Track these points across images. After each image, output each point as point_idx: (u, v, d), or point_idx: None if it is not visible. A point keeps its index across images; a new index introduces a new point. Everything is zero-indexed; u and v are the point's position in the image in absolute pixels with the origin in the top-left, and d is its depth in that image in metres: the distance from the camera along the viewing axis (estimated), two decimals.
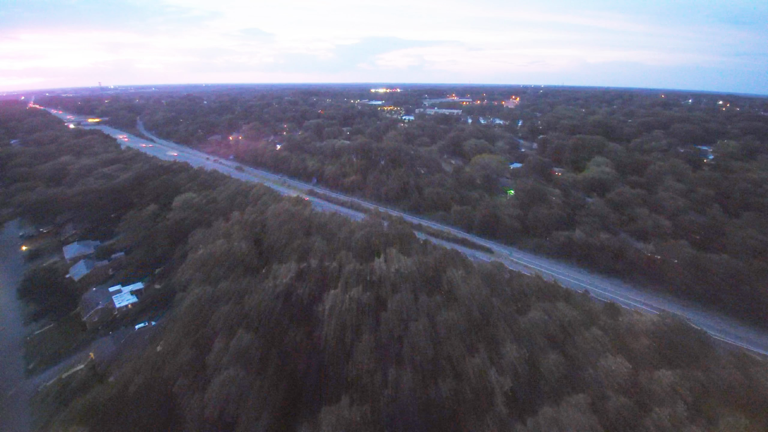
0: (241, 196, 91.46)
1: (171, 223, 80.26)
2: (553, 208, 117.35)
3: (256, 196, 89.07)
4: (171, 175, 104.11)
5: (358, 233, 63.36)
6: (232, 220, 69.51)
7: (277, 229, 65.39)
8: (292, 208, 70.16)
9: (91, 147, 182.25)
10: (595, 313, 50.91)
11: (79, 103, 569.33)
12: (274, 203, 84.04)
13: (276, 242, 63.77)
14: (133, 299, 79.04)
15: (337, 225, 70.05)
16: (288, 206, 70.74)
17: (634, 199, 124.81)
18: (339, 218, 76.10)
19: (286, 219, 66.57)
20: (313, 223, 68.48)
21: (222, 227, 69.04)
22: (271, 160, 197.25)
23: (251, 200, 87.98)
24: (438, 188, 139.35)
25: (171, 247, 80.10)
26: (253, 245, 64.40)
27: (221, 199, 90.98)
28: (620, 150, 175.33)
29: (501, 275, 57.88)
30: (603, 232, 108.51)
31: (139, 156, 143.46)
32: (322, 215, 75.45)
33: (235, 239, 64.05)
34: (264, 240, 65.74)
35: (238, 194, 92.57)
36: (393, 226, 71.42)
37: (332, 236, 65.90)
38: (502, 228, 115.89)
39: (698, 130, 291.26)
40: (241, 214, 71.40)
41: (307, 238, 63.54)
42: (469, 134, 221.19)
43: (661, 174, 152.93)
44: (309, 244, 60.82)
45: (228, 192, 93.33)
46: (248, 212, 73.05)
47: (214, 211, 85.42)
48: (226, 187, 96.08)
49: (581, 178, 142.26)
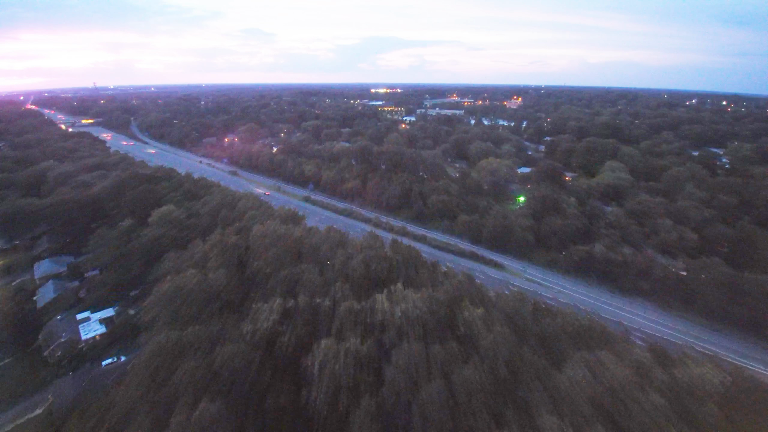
0: (227, 209, 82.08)
1: (145, 241, 71.28)
2: (568, 219, 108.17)
3: (242, 209, 79.82)
4: (152, 185, 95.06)
5: (357, 258, 54.43)
6: (211, 241, 60.66)
7: (261, 254, 56.37)
8: (280, 229, 61.07)
9: (77, 151, 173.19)
10: (645, 364, 41.74)
11: (75, 104, 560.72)
12: (264, 216, 74.83)
13: (260, 270, 54.63)
14: (101, 329, 69.95)
15: (333, 246, 61.02)
16: (275, 227, 61.57)
17: (656, 209, 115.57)
18: (335, 236, 66.99)
19: (272, 242, 57.54)
20: (304, 245, 59.49)
21: (198, 250, 60.08)
22: (267, 164, 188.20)
23: (237, 214, 78.75)
24: (443, 196, 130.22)
25: (146, 268, 71.12)
26: (233, 274, 55.26)
27: (204, 212, 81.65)
28: (634, 154, 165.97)
29: (525, 309, 48.72)
30: (625, 246, 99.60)
31: (125, 161, 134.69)
32: (316, 234, 66.34)
33: (212, 267, 54.96)
34: (246, 267, 56.72)
35: (224, 206, 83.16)
36: (397, 246, 62.48)
37: (327, 262, 56.82)
38: (513, 240, 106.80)
39: (708, 132, 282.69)
40: (219, 236, 62.15)
41: (297, 265, 54.47)
42: (473, 136, 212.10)
43: (679, 180, 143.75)
44: (298, 273, 51.76)
45: (213, 204, 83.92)
46: (228, 233, 63.86)
47: (195, 227, 76.16)
48: (212, 198, 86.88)
49: (596, 184, 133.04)
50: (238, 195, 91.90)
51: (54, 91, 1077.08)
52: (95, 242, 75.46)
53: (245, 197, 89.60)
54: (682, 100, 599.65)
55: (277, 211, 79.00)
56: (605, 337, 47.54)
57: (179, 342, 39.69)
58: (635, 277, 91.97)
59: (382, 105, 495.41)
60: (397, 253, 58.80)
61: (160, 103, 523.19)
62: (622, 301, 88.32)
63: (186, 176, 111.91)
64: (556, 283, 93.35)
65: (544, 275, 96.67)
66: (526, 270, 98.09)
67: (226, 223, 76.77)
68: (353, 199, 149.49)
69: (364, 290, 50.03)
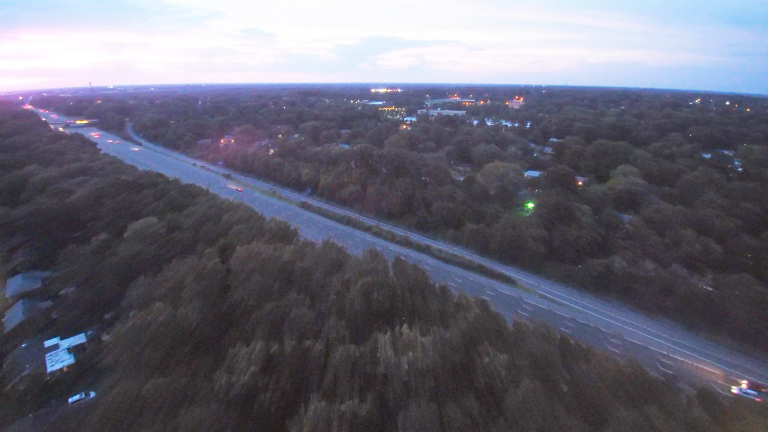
0: (212, 222, 74.35)
1: (119, 259, 63.80)
2: (583, 229, 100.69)
3: (228, 222, 72.08)
4: (133, 193, 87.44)
5: (355, 286, 47.03)
6: (188, 264, 53.16)
7: (244, 282, 49.01)
8: (267, 251, 53.43)
9: (64, 154, 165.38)
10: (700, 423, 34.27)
11: (71, 104, 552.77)
12: (251, 231, 67.18)
13: (241, 302, 47.17)
14: (69, 360, 62.47)
15: (328, 269, 53.64)
16: (260, 248, 53.94)
17: (676, 218, 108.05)
18: (331, 255, 59.58)
19: (257, 266, 50.12)
20: (294, 270, 52.03)
21: (172, 275, 52.64)
22: (262, 167, 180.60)
23: (223, 229, 71.07)
24: (448, 202, 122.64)
25: (121, 289, 63.67)
26: (211, 306, 47.73)
27: (187, 226, 73.83)
28: (647, 157, 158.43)
29: (554, 351, 41.20)
30: (646, 259, 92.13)
31: (111, 165, 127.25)
32: (309, 253, 58.82)
33: (187, 297, 47.54)
34: (227, 296, 49.23)
35: (209, 219, 75.40)
36: (400, 267, 55.08)
37: (320, 290, 49.34)
38: (524, 252, 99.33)
39: (717, 133, 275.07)
40: (196, 260, 54.39)
41: (285, 295, 47.02)
42: (477, 138, 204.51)
43: (696, 185, 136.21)
44: (286, 307, 44.32)
45: (197, 215, 76.23)
46: (208, 255, 56.21)
47: (175, 243, 68.52)
48: (197, 209, 79.19)
49: (610, 190, 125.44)
50: (225, 205, 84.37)
51: (53, 91, 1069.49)
52: (65, 259, 68.03)
53: (233, 208, 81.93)
54: (685, 100, 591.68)
55: (268, 224, 71.42)
56: (648, 386, 39.97)
57: (137, 399, 32.44)
58: (659, 295, 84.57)
59: (382, 105, 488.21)
60: (401, 276, 51.45)
61: (157, 103, 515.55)
62: (645, 321, 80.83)
63: (173, 182, 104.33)
64: (572, 300, 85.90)
65: (558, 291, 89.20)
66: (539, 285, 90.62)
67: (209, 238, 69.28)
68: (352, 204, 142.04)
69: (363, 327, 42.73)
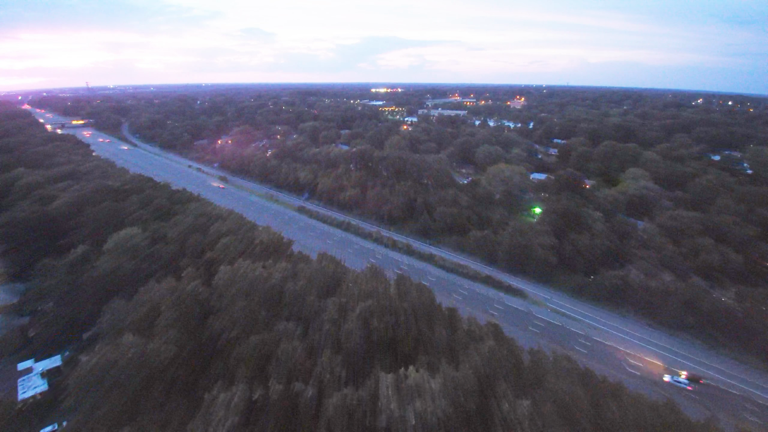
0: (199, 232, 68.86)
1: (97, 275, 58.53)
2: (595, 237, 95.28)
3: (216, 234, 66.56)
4: (117, 200, 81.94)
5: (354, 312, 41.69)
6: (166, 286, 47.77)
7: (227, 308, 43.66)
8: (254, 270, 47.98)
9: (54, 156, 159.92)
10: None
11: (68, 104, 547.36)
12: (240, 244, 61.81)
13: (223, 332, 41.70)
14: (42, 386, 57.07)
15: (323, 289, 48.32)
16: (246, 268, 48.43)
17: (693, 225, 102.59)
18: (326, 271, 54.17)
19: (242, 289, 44.77)
20: (285, 292, 46.59)
21: (148, 299, 47.20)
22: (259, 169, 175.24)
23: (210, 241, 65.60)
24: (451, 208, 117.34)
25: (99, 307, 58.33)
26: (189, 337, 42.33)
27: (172, 237, 68.40)
28: (657, 160, 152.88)
29: (578, 388, 35.79)
30: (664, 270, 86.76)
31: (100, 168, 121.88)
32: (303, 270, 53.27)
33: (162, 326, 42.18)
34: (208, 324, 43.76)
35: (196, 230, 69.89)
36: (404, 286, 49.68)
37: (314, 317, 44.03)
38: (533, 261, 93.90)
39: (724, 134, 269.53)
40: (174, 282, 48.86)
41: (274, 324, 41.66)
42: (480, 139, 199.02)
43: (710, 189, 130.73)
44: (273, 340, 38.91)
45: (184, 225, 70.71)
46: (188, 276, 50.70)
47: (158, 257, 63.11)
48: (184, 218, 73.61)
49: (621, 195, 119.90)
50: (215, 213, 78.94)
51: (52, 91, 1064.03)
52: (40, 273, 62.79)
53: (223, 217, 76.50)
54: (687, 100, 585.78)
55: (259, 235, 65.94)
56: None
57: None
58: (679, 309, 79.15)
59: (382, 105, 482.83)
60: (404, 297, 46.13)
61: (155, 103, 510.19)
62: (664, 337, 75.41)
63: (163, 187, 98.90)
64: (586, 314, 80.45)
65: (570, 304, 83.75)
66: (550, 298, 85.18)
67: (195, 252, 63.88)
68: (352, 208, 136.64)
69: (362, 362, 37.45)
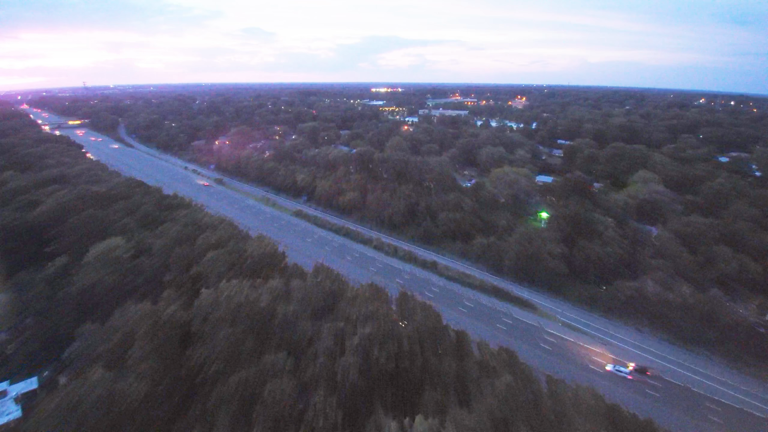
0: (187, 243, 64.01)
1: (75, 291, 53.88)
2: (607, 245, 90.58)
3: (204, 246, 61.70)
4: (102, 208, 77.16)
5: (352, 340, 37.09)
6: (141, 312, 43.07)
7: (210, 336, 38.99)
8: (241, 293, 43.24)
9: (45, 158, 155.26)
10: None
11: (66, 104, 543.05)
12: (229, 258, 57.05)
13: (204, 366, 36.96)
14: (16, 412, 52.45)
15: (318, 310, 43.67)
16: (231, 291, 43.72)
17: (708, 232, 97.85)
18: (323, 288, 49.54)
19: (226, 316, 40.01)
20: (276, 316, 41.91)
21: (122, 325, 42.50)
22: (256, 171, 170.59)
23: (197, 253, 60.75)
24: (455, 213, 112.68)
25: (77, 325, 53.77)
26: (166, 371, 37.67)
27: (157, 249, 63.66)
28: (666, 162, 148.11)
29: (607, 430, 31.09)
30: (681, 281, 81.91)
31: (90, 172, 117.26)
32: (297, 288, 48.45)
33: (136, 357, 37.49)
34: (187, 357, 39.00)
35: (183, 240, 64.97)
36: (406, 305, 45.18)
37: (306, 346, 39.31)
38: (541, 270, 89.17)
39: (730, 135, 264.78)
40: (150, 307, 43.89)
41: (261, 356, 36.95)
42: (483, 141, 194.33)
43: (722, 193, 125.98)
44: (261, 378, 34.21)
45: (170, 236, 65.83)
46: (165, 300, 45.90)
47: (141, 271, 58.37)
48: (171, 227, 68.75)
49: (632, 200, 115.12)
50: (204, 222, 74.18)
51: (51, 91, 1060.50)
52: (18, 287, 58.22)
53: (212, 226, 71.64)
54: (689, 100, 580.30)
55: (251, 246, 61.10)
56: None
57: None
58: (699, 324, 74.49)
59: (383, 105, 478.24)
60: (408, 319, 41.62)
61: (153, 103, 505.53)
62: (681, 354, 70.85)
63: (153, 192, 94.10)
64: (599, 329, 75.79)
65: (582, 317, 79.09)
66: (561, 311, 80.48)
67: (180, 266, 59.11)
68: (351, 213, 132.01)
69: (360, 401, 32.82)
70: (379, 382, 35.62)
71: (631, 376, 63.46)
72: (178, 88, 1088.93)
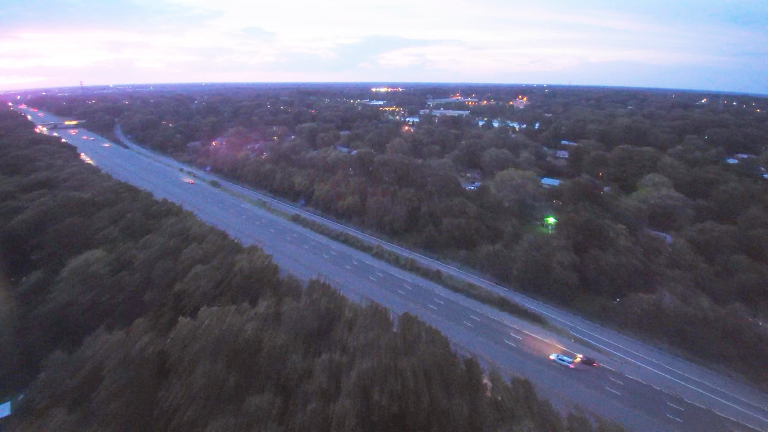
0: (172, 257, 59.07)
1: (48, 310, 49.16)
2: (620, 254, 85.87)
3: (189, 261, 56.71)
4: (85, 216, 72.33)
5: (350, 377, 32.43)
6: (109, 343, 38.13)
7: (186, 374, 34.16)
8: (222, 321, 38.19)
9: (34, 161, 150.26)
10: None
11: (64, 104, 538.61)
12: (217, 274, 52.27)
13: (178, 410, 32.21)
14: None
15: (311, 337, 38.90)
16: (212, 320, 38.60)
17: (724, 239, 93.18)
18: (317, 311, 44.79)
19: (206, 348, 35.17)
20: (263, 347, 37.05)
21: (90, 357, 37.76)
22: (253, 174, 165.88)
23: (181, 268, 55.72)
24: (459, 218, 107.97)
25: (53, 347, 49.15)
26: (133, 415, 33.13)
27: (140, 262, 58.74)
28: (676, 165, 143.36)
29: None
30: (699, 293, 77.18)
31: (77, 176, 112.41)
32: (289, 311, 43.61)
33: (100, 401, 32.72)
34: (160, 397, 34.35)
35: (169, 253, 59.99)
36: (411, 330, 40.46)
37: (297, 384, 34.66)
38: (551, 281, 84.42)
39: (737, 136, 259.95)
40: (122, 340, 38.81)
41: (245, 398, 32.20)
42: (487, 142, 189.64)
43: (736, 198, 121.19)
44: (245, 426, 29.39)
45: (154, 248, 60.89)
46: (137, 328, 40.82)
47: (121, 288, 53.64)
48: (155, 238, 63.76)
49: (645, 205, 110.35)
50: (192, 232, 69.16)
51: (51, 91, 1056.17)
52: None
53: (200, 237, 66.66)
54: (691, 100, 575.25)
55: (241, 260, 56.14)
56: None
57: None
58: (719, 339, 69.81)
59: (383, 105, 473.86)
60: (412, 348, 36.91)
61: (151, 103, 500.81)
62: (700, 372, 66.28)
63: (142, 197, 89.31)
64: (614, 345, 71.09)
65: (595, 333, 74.39)
66: (572, 325, 75.75)
67: (163, 282, 54.30)
68: (350, 217, 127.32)
69: None
70: (379, 427, 30.90)
71: (572, 365, 64.28)
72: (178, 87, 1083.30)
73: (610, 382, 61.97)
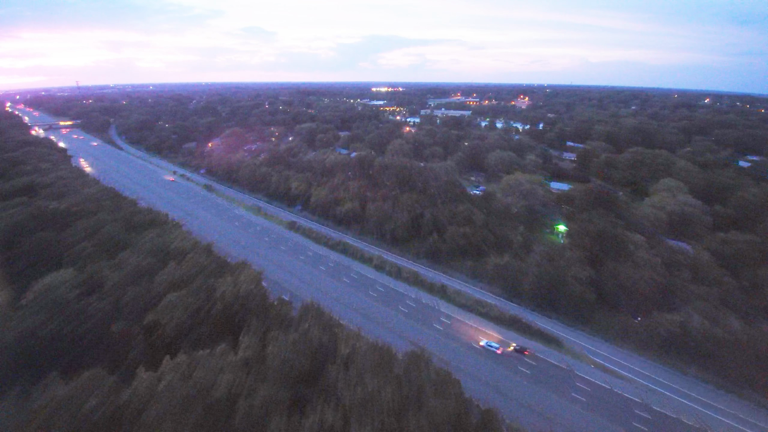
0: (145, 279, 52.60)
1: (10, 340, 42.96)
2: (640, 267, 79.63)
3: (166, 282, 50.18)
4: (57, 229, 66.22)
5: None
6: (62, 394, 31.81)
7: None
8: (188, 378, 31.53)
9: (21, 164, 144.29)
10: None
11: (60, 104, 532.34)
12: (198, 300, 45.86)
13: None
14: None
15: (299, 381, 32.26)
16: (176, 375, 31.92)
17: (749, 251, 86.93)
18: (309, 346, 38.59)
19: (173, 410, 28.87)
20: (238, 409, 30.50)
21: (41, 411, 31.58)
22: (249, 177, 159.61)
23: (156, 292, 49.16)
24: (464, 226, 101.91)
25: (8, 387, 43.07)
26: None
27: (111, 284, 52.33)
28: (691, 169, 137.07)
29: None
30: (727, 311, 70.99)
31: (62, 181, 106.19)
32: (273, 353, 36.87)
33: None
34: None
35: (144, 274, 53.65)
36: (420, 376, 34.25)
37: None
38: (566, 297, 78.27)
39: (746, 137, 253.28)
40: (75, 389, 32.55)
41: None
42: (491, 144, 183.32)
43: (756, 204, 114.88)
44: None
45: (128, 268, 54.41)
46: (90, 380, 34.34)
47: (90, 315, 47.55)
48: (130, 257, 57.34)
49: (663, 213, 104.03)
50: (173, 248, 62.86)
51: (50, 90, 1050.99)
52: None
53: (182, 252, 60.29)
54: (694, 100, 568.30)
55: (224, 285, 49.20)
56: None
57: None
58: (752, 365, 63.64)
59: (383, 105, 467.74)
60: (421, 400, 30.90)
61: (149, 103, 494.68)
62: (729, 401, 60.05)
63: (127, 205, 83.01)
64: (636, 371, 64.91)
65: (616, 356, 68.16)
66: (591, 348, 69.50)
67: (133, 311, 47.91)
68: (349, 224, 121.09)
69: None
70: None
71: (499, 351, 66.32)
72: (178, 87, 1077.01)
73: (636, 416, 55.82)
